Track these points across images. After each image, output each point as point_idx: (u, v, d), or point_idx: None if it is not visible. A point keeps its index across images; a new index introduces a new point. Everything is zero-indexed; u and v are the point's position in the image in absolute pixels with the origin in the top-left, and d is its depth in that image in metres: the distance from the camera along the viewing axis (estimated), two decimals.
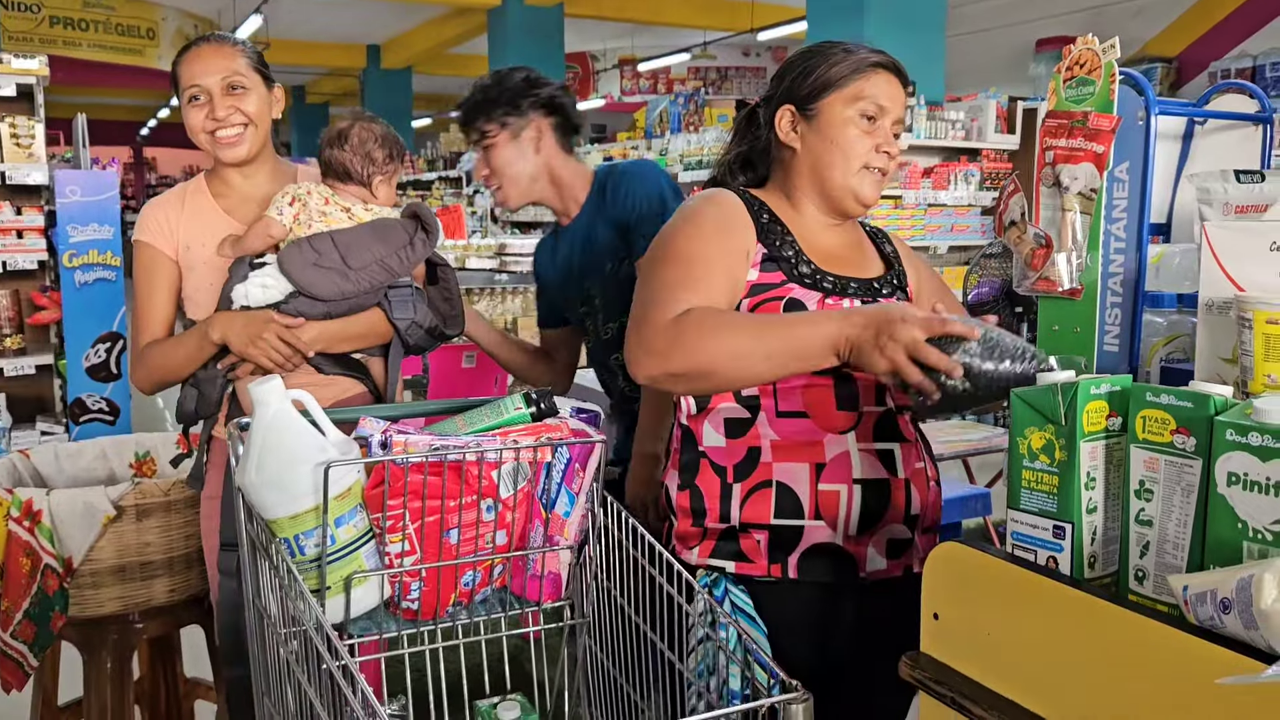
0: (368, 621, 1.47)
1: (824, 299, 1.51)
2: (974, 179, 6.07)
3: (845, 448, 1.46)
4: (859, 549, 1.46)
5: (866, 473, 1.46)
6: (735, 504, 1.47)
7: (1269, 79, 8.24)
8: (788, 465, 1.45)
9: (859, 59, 1.55)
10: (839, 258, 1.59)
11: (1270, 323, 0.99)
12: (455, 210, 5.71)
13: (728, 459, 1.48)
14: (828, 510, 1.44)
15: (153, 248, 1.94)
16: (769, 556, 1.46)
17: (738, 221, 1.53)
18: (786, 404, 1.47)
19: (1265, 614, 0.76)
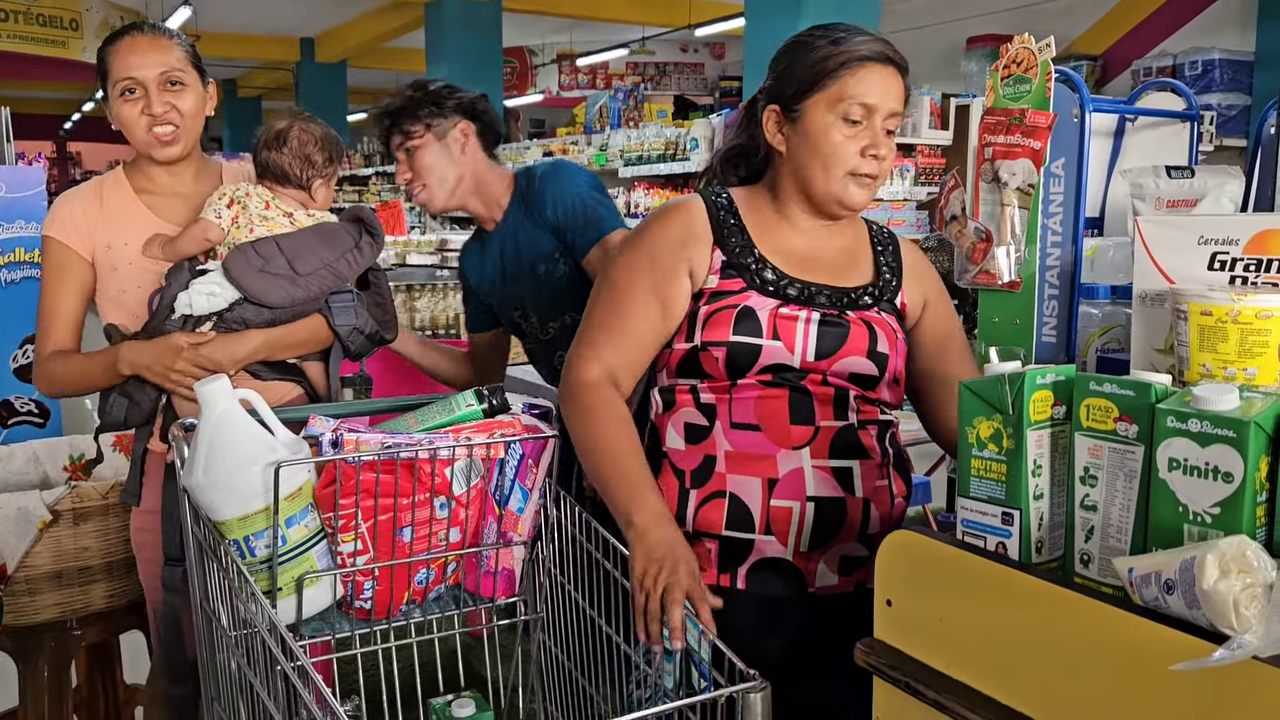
0: (320, 622, 1.46)
1: (781, 306, 1.45)
2: (909, 174, 6.17)
3: (799, 464, 1.42)
4: (809, 565, 1.44)
5: (821, 490, 1.42)
6: (690, 510, 1.46)
7: (1188, 77, 8.50)
8: (741, 478, 1.43)
9: (843, 53, 1.44)
10: (816, 262, 1.52)
11: (1204, 314, 1.03)
12: (394, 206, 5.64)
13: (686, 464, 1.47)
14: (779, 526, 1.42)
15: (64, 246, 1.84)
16: (719, 566, 1.46)
17: (687, 234, 1.49)
18: (740, 415, 1.44)
19: (1207, 594, 0.80)
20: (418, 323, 4.99)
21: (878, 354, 1.46)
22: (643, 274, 1.48)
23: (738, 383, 1.44)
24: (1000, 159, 1.68)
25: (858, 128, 1.44)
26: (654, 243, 1.50)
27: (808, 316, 1.45)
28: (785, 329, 1.43)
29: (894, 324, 1.53)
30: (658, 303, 1.47)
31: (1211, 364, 1.03)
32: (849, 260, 1.56)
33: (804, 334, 1.43)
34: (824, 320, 1.45)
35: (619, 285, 1.50)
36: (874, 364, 1.45)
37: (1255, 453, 0.85)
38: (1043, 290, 1.68)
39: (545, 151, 8.25)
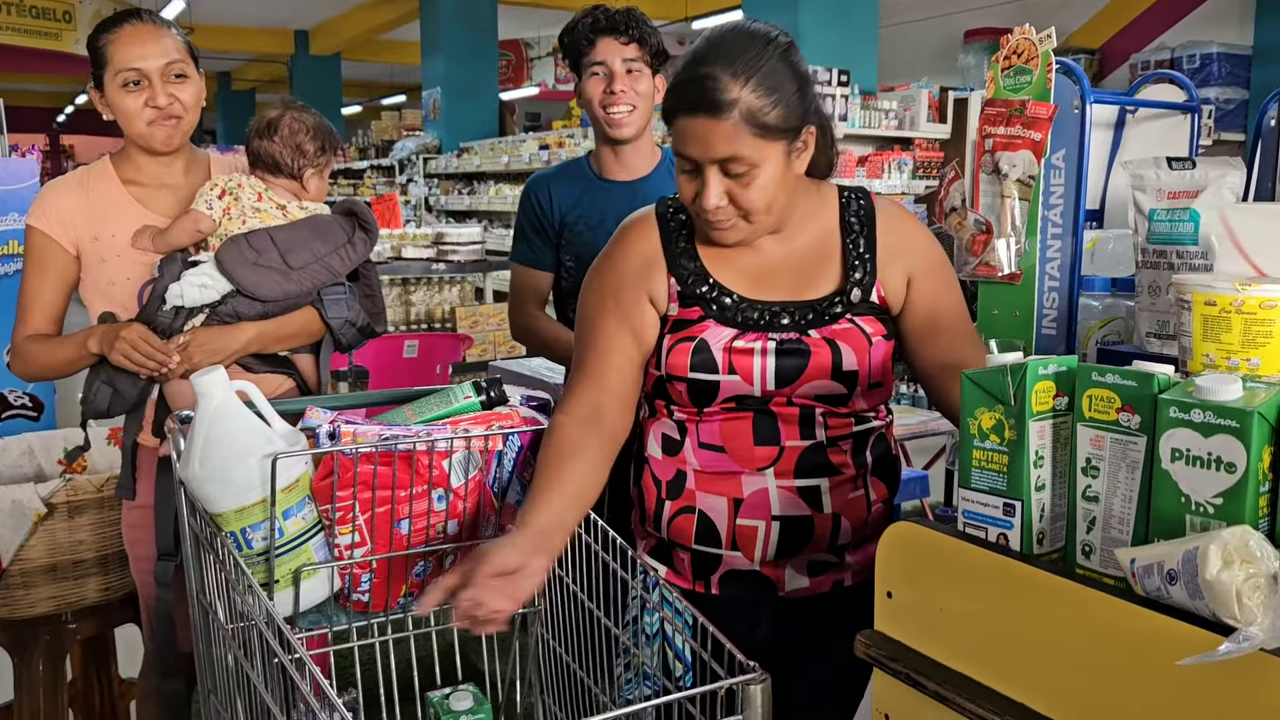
0: (317, 615, 1.45)
1: (738, 337, 1.40)
2: (907, 168, 6.16)
3: (764, 484, 1.41)
4: (777, 572, 1.45)
5: (786, 510, 1.41)
6: (665, 519, 1.47)
7: (1186, 71, 8.50)
8: (708, 496, 1.43)
9: (665, 99, 1.37)
10: (775, 276, 1.44)
11: (1208, 304, 1.02)
12: (389, 199, 5.62)
13: (663, 473, 1.48)
14: (744, 542, 1.43)
15: (47, 236, 1.83)
16: (692, 574, 1.48)
17: (644, 263, 1.44)
18: (706, 436, 1.43)
19: (1210, 584, 0.79)
20: (413, 316, 4.98)
21: (844, 374, 1.39)
22: (608, 311, 1.45)
23: (703, 410, 1.43)
24: (1001, 150, 1.68)
25: (691, 176, 1.35)
26: (614, 275, 1.46)
27: (764, 347, 1.38)
28: (741, 363, 1.38)
29: (870, 328, 1.42)
30: (629, 335, 1.44)
31: (1215, 354, 1.02)
32: (814, 262, 1.44)
33: (761, 366, 1.38)
34: (781, 349, 1.39)
35: (589, 324, 1.47)
36: (840, 384, 1.40)
37: (1258, 443, 0.84)
38: (1043, 282, 1.68)
39: (541, 145, 8.23)
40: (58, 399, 4.03)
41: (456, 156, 9.81)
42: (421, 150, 10.51)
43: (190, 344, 1.72)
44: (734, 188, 1.32)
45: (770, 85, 1.28)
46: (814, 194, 1.46)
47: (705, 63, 1.29)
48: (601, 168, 2.19)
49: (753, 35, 1.32)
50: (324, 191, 1.93)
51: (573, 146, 7.70)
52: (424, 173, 10.36)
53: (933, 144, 6.35)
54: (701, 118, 1.28)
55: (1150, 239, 1.49)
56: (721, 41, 1.30)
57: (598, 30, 2.10)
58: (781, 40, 1.33)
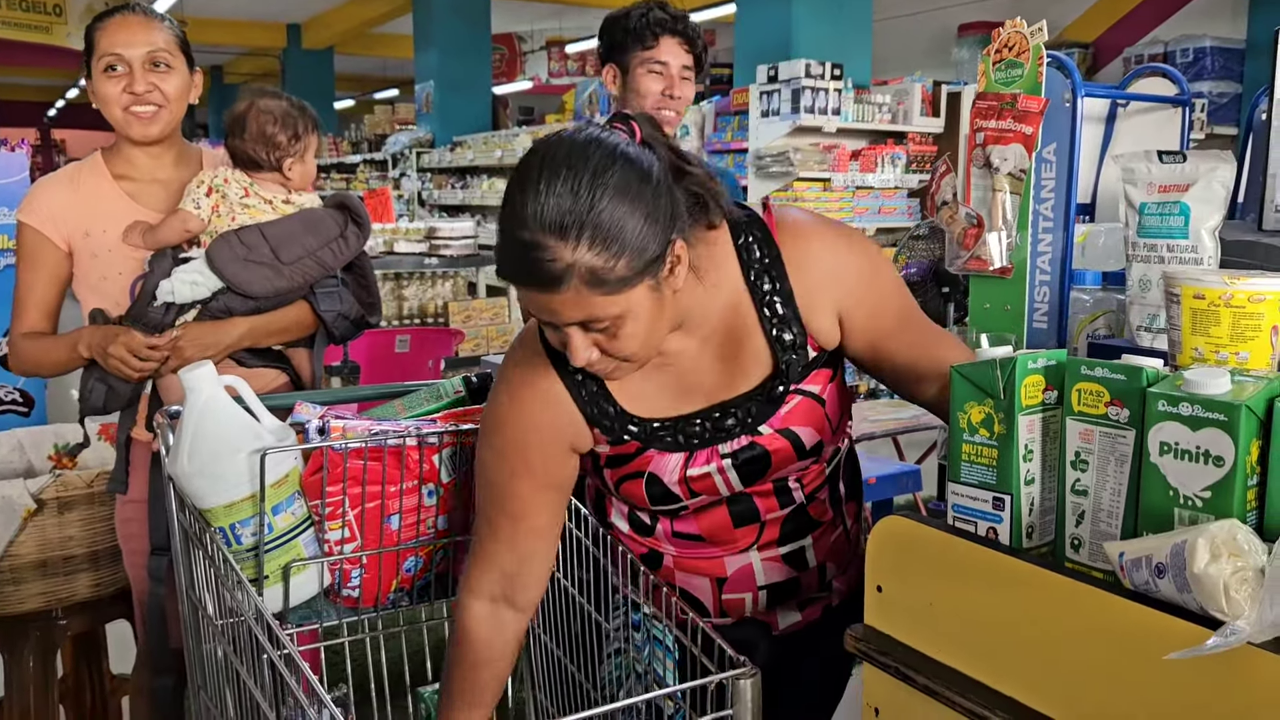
0: (307, 610, 1.45)
1: (688, 463, 1.29)
2: (900, 162, 6.16)
3: (748, 560, 1.37)
4: (770, 617, 1.43)
5: (772, 578, 1.38)
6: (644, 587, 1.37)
7: (1179, 65, 8.50)
8: (690, 577, 1.39)
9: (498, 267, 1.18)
10: (698, 385, 1.29)
11: (1197, 298, 1.02)
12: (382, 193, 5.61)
13: (635, 548, 1.40)
14: (733, 610, 1.40)
15: (38, 233, 1.82)
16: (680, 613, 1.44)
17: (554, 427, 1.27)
18: (682, 527, 1.36)
19: (1198, 577, 0.79)
20: (406, 311, 4.97)
21: (806, 450, 1.31)
22: (518, 475, 1.27)
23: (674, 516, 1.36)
24: (992, 144, 1.67)
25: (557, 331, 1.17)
26: (518, 441, 1.27)
27: (719, 466, 1.28)
28: (701, 486, 1.30)
29: (818, 386, 1.30)
30: (548, 491, 1.29)
31: (1204, 347, 1.02)
32: (733, 346, 1.28)
33: (724, 481, 1.30)
34: (738, 460, 1.29)
35: (495, 487, 1.29)
36: (807, 459, 1.32)
37: (1246, 436, 0.84)
38: (1034, 276, 1.68)
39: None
40: (48, 394, 4.02)
41: (449, 151, 9.79)
42: (414, 144, 10.49)
43: (182, 339, 1.71)
44: (601, 340, 1.14)
45: (608, 236, 1.06)
46: (705, 254, 1.23)
47: (527, 227, 1.06)
48: None
49: (576, 169, 1.07)
50: (310, 176, 1.90)
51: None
52: (417, 167, 10.34)
53: (926, 138, 6.36)
54: (536, 292, 1.10)
55: (1141, 232, 1.49)
56: (542, 192, 1.06)
57: (665, 28, 2.11)
58: (617, 157, 1.09)
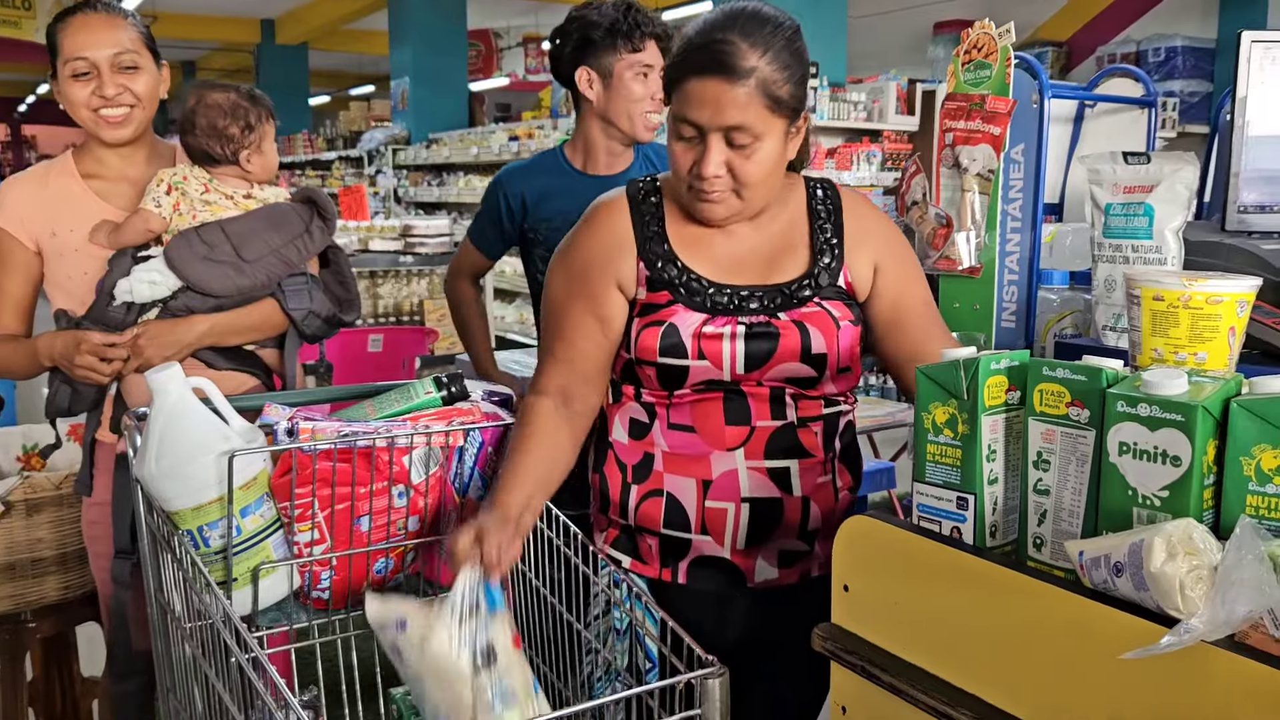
0: (277, 612, 1.44)
1: (707, 323, 1.39)
2: (875, 159, 6.19)
3: (733, 465, 1.41)
4: (748, 562, 1.44)
5: (756, 491, 1.41)
6: (632, 505, 1.46)
7: (1151, 64, 8.60)
8: (676, 478, 1.43)
9: (672, 64, 1.37)
10: (744, 261, 1.44)
11: (1156, 299, 1.04)
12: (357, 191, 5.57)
13: (629, 458, 1.47)
14: (714, 526, 1.42)
15: (6, 233, 1.80)
16: (660, 560, 1.47)
17: (611, 247, 1.44)
18: (677, 417, 1.43)
19: (1155, 576, 0.80)
20: (381, 309, 4.95)
21: (812, 356, 1.40)
22: (575, 296, 1.45)
23: (674, 393, 1.43)
24: (961, 145, 1.69)
25: (690, 143, 1.35)
26: (581, 259, 1.46)
27: (733, 331, 1.38)
28: (710, 348, 1.38)
29: (838, 312, 1.43)
30: (595, 320, 1.44)
31: (1163, 348, 1.04)
32: (784, 247, 1.45)
33: (730, 351, 1.38)
34: (751, 333, 1.39)
35: (555, 307, 1.48)
36: (810, 366, 1.40)
37: (1203, 437, 0.85)
38: (1002, 276, 1.70)
39: (511, 136, 8.18)
40: (19, 395, 3.97)
41: (425, 148, 9.74)
42: (390, 141, 10.43)
43: (141, 337, 1.69)
44: (734, 158, 1.32)
45: (784, 61, 1.30)
46: (784, 184, 1.46)
47: (722, 30, 1.29)
48: (587, 162, 2.17)
49: (768, 14, 1.33)
50: (272, 167, 1.86)
51: (542, 138, 7.66)
52: (393, 164, 10.28)
53: (901, 136, 6.39)
54: (717, 80, 1.29)
55: (1106, 233, 1.51)
56: (738, 15, 1.31)
57: (649, 30, 2.11)
58: (793, 24, 1.36)
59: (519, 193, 2.21)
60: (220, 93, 1.83)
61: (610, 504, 1.50)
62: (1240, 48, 1.53)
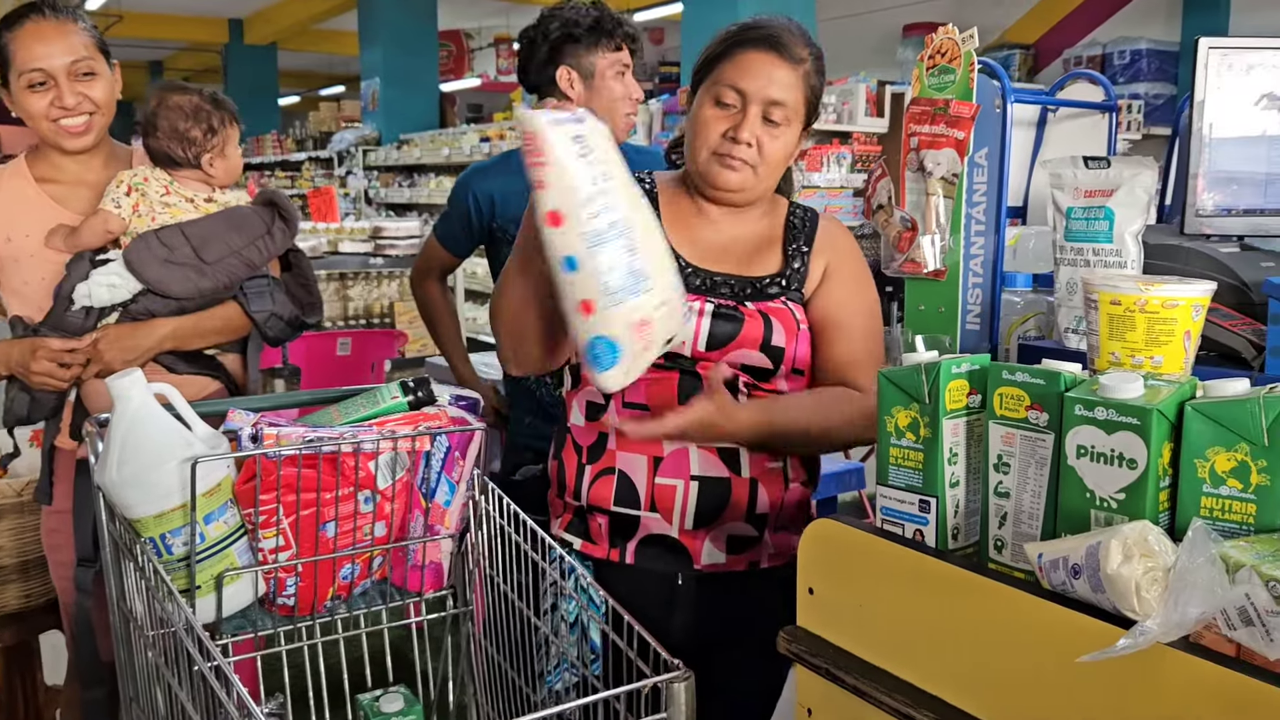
0: (242, 620, 1.43)
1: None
2: (845, 161, 6.22)
3: (685, 445, 1.44)
4: (694, 543, 1.46)
5: (704, 470, 1.44)
6: (586, 484, 1.49)
7: (1116, 66, 8.70)
8: (628, 455, 1.46)
9: (725, 39, 1.48)
10: (726, 253, 1.52)
11: (1113, 303, 1.05)
12: (327, 192, 5.54)
13: (585, 439, 1.50)
14: (663, 503, 1.45)
15: None
16: (609, 540, 1.49)
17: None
18: (632, 395, 1.45)
19: (1111, 578, 0.81)
20: (351, 311, 4.91)
21: (771, 347, 1.45)
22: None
23: None
24: (925, 149, 1.70)
25: (728, 110, 1.44)
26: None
27: (701, 308, 1.44)
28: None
29: (800, 315, 1.50)
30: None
31: (1120, 352, 1.05)
32: (760, 246, 1.54)
33: (695, 326, 1.43)
34: (718, 312, 1.44)
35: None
36: (767, 357, 1.45)
37: (1158, 440, 0.87)
38: (967, 278, 1.71)
39: (482, 137, 8.16)
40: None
41: (396, 149, 9.69)
42: (360, 142, 10.37)
43: (101, 341, 1.67)
44: (764, 135, 1.44)
45: (821, 69, 1.49)
46: (771, 197, 1.58)
47: (777, 24, 1.45)
48: None
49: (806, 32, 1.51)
50: (234, 171, 1.85)
51: (514, 138, 7.64)
52: (363, 165, 10.22)
53: (871, 138, 6.42)
54: (774, 56, 1.43)
55: (1068, 236, 1.53)
56: (788, 20, 1.49)
57: (626, 30, 2.14)
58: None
59: (487, 192, 2.22)
60: (182, 95, 1.81)
61: (565, 488, 1.53)
62: (1198, 53, 1.55)
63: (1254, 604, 0.77)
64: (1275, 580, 0.76)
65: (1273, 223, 1.60)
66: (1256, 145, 1.59)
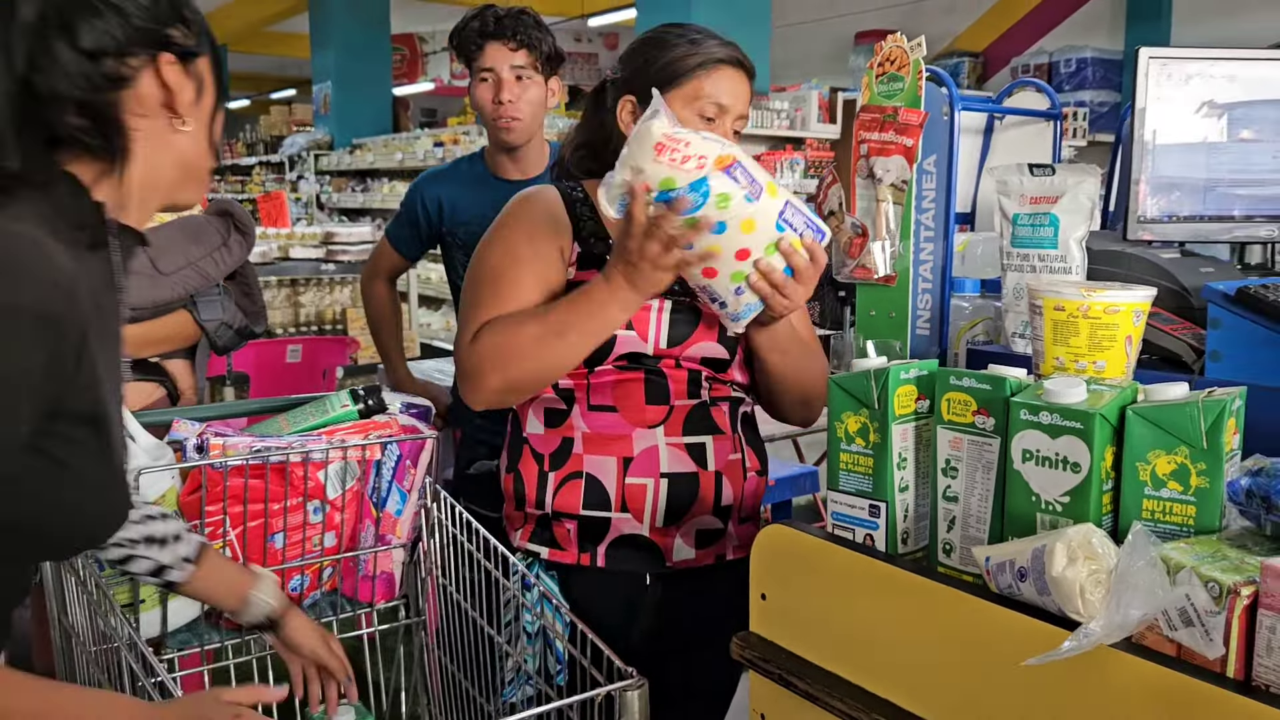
0: (188, 634, 1.41)
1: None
2: (799, 167, 6.27)
3: (654, 442, 1.45)
4: (666, 540, 1.47)
5: (673, 467, 1.46)
6: (550, 492, 1.47)
7: (1063, 74, 8.87)
8: (597, 458, 1.45)
9: (701, 54, 1.50)
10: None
11: (1057, 309, 1.07)
12: (277, 197, 5.46)
13: (545, 447, 1.48)
14: (634, 503, 1.45)
15: None
16: (579, 545, 1.48)
17: (550, 222, 1.49)
18: (598, 398, 1.46)
19: (1056, 580, 0.83)
20: (302, 318, 4.84)
21: (727, 338, 1.48)
22: (525, 261, 1.46)
23: (595, 369, 1.45)
24: (875, 155, 1.71)
25: (710, 125, 1.47)
26: (529, 228, 1.48)
27: (660, 305, 1.45)
28: (638, 319, 1.44)
29: None
30: (536, 281, 1.45)
31: (1064, 357, 1.07)
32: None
33: (656, 323, 1.44)
34: (675, 308, 1.46)
35: (500, 272, 1.46)
36: (724, 348, 1.48)
37: (1101, 443, 0.88)
38: (917, 284, 1.72)
39: (436, 141, 8.10)
40: None
41: (349, 153, 9.60)
42: (312, 146, 10.25)
43: None
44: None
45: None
46: None
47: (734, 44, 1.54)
48: (495, 166, 2.21)
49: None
50: None
51: (468, 143, 7.61)
52: (315, 169, 10.11)
53: (823, 144, 6.48)
54: (744, 75, 1.53)
55: (1014, 242, 1.55)
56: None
57: (485, 35, 2.10)
58: None
59: (436, 196, 2.22)
60: None
61: (526, 499, 1.50)
62: (1138, 63, 1.58)
63: (1194, 604, 0.78)
64: (1214, 581, 0.77)
65: (1212, 229, 1.63)
66: (1196, 153, 1.63)
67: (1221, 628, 0.76)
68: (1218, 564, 0.79)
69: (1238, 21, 7.86)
